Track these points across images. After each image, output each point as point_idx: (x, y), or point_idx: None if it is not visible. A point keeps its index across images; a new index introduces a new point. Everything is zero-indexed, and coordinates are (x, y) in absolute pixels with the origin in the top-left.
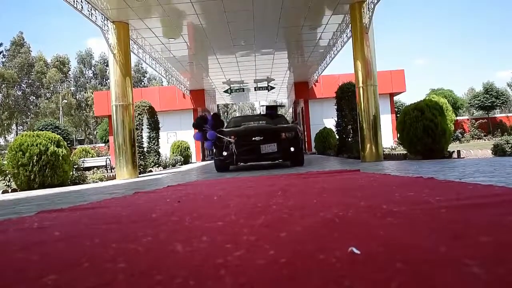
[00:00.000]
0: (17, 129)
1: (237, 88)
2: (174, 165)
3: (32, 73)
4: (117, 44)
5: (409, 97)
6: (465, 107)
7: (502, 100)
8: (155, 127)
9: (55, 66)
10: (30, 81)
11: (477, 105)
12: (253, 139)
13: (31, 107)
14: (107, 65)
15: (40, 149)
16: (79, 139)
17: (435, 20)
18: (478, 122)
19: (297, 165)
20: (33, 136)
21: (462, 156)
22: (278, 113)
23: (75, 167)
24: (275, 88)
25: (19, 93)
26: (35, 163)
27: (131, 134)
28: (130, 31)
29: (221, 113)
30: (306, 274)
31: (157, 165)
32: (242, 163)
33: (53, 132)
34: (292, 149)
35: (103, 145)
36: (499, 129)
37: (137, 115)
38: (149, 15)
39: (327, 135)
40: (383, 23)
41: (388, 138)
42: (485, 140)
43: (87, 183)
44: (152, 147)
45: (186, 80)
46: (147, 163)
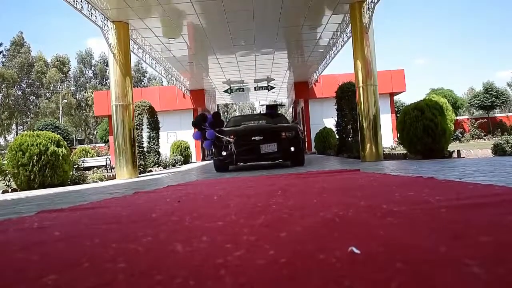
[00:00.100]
0: (17, 129)
1: (237, 88)
2: (174, 165)
3: (32, 73)
4: (117, 44)
5: (409, 97)
6: (465, 107)
7: (502, 99)
8: (155, 127)
9: (55, 66)
10: (30, 81)
11: (477, 105)
12: (253, 138)
13: (31, 107)
14: (107, 65)
15: (40, 149)
16: (79, 139)
17: (435, 20)
18: (478, 121)
19: (297, 165)
20: (33, 136)
21: (462, 155)
22: (278, 112)
23: (75, 167)
24: (275, 88)
25: (19, 93)
26: (35, 163)
27: (131, 134)
28: (130, 31)
29: (221, 113)
30: (306, 274)
31: (157, 165)
32: (241, 163)
33: (53, 132)
34: (292, 149)
35: (103, 145)
36: (499, 129)
37: (137, 115)
38: (149, 15)
39: (327, 135)
40: (383, 23)
41: (388, 138)
42: (485, 139)
43: (87, 183)
44: (152, 147)
45: (186, 80)
46: (147, 163)
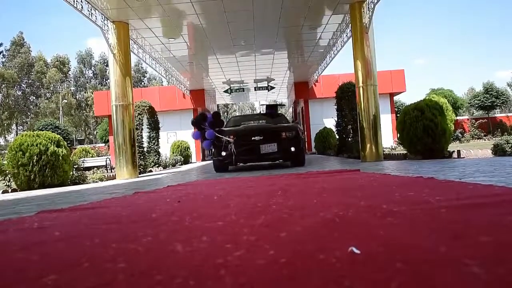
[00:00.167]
0: (17, 129)
1: (237, 88)
2: (174, 165)
3: (32, 73)
4: (117, 44)
5: (409, 97)
6: (465, 107)
7: (502, 100)
8: (155, 127)
9: (55, 66)
10: (30, 81)
11: (477, 105)
12: (253, 138)
13: (31, 107)
14: (107, 65)
15: (40, 149)
16: (79, 139)
17: (434, 17)
18: (478, 122)
19: (297, 165)
20: (33, 136)
21: (462, 156)
22: (278, 112)
23: (75, 167)
24: (275, 88)
25: (19, 93)
26: (35, 163)
27: (131, 134)
28: (130, 31)
29: (221, 113)
30: (306, 274)
31: (157, 165)
32: (241, 164)
33: (53, 132)
34: (292, 149)
35: (103, 145)
36: (499, 129)
37: (137, 115)
38: (149, 15)
39: (327, 135)
40: (383, 23)
41: (388, 138)
42: (485, 140)
43: (87, 183)
44: (152, 147)
45: (186, 80)
46: (147, 163)
